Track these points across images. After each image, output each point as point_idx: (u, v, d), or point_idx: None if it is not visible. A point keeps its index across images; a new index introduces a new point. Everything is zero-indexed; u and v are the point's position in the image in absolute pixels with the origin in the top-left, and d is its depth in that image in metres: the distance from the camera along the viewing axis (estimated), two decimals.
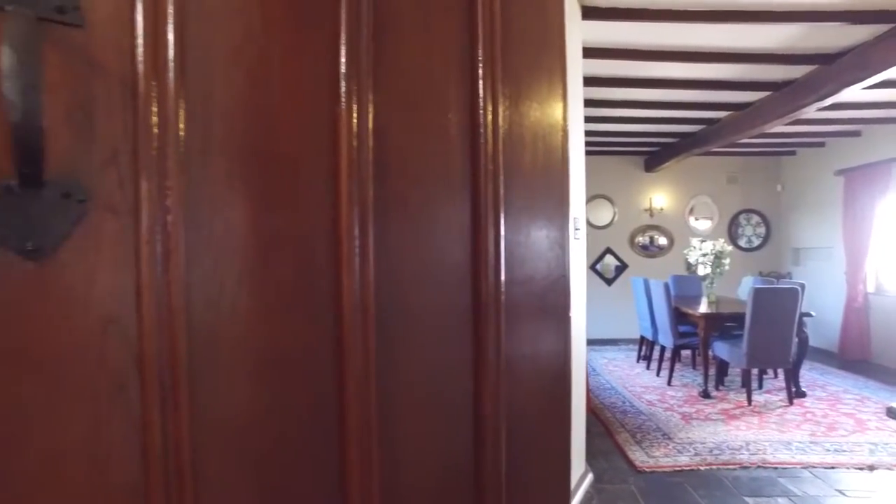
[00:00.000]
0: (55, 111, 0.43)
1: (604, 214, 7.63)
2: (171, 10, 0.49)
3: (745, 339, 4.18)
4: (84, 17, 0.46)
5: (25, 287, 0.44)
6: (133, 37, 0.48)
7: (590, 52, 3.26)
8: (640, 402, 4.54)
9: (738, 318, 4.44)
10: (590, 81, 3.74)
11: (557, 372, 0.89)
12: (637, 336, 6.17)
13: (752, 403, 4.30)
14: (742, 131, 5.14)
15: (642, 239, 7.72)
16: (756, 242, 7.64)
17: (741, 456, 3.30)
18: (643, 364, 5.87)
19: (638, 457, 3.34)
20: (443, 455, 0.72)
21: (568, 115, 0.93)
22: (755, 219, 7.66)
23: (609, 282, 7.66)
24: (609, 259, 7.70)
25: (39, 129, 0.40)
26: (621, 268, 7.67)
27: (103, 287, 0.47)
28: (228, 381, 0.53)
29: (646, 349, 5.91)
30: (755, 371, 4.64)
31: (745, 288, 5.66)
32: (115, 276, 0.47)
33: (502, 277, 0.77)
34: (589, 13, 2.90)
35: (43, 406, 0.45)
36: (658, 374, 5.36)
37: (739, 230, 7.66)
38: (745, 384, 4.41)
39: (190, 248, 0.50)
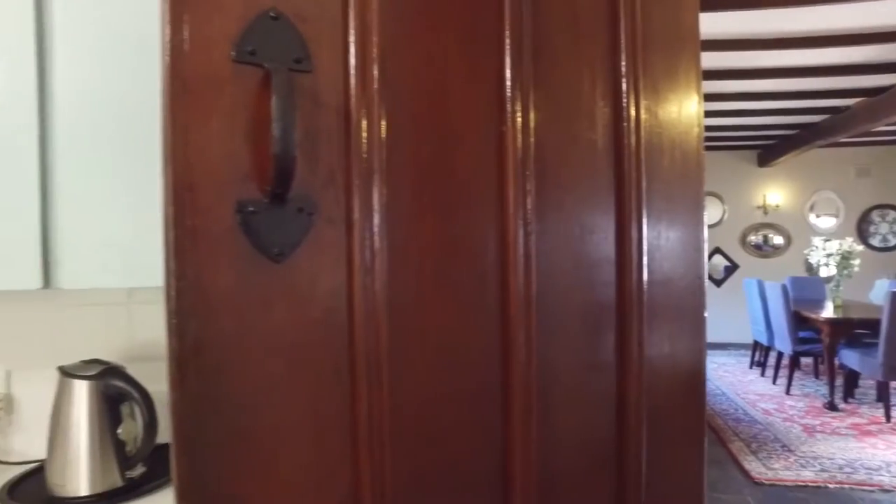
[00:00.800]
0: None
1: (713, 212, 7.28)
2: (375, 53, 0.59)
3: (882, 348, 3.84)
4: (313, 64, 0.56)
5: (272, 284, 0.54)
6: (347, 76, 0.58)
7: (703, 45, 3.15)
8: (754, 410, 4.30)
9: (871, 325, 4.08)
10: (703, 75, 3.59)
11: (693, 369, 0.92)
12: (749, 340, 5.83)
13: (892, 420, 3.94)
14: (878, 119, 4.72)
15: (755, 238, 7.28)
16: (893, 241, 6.96)
17: (880, 477, 3.05)
18: (757, 370, 5.55)
19: (754, 467, 3.19)
20: (589, 439, 0.77)
21: (702, 119, 0.95)
22: (891, 215, 6.97)
23: (718, 283, 7.30)
24: (717, 259, 7.33)
25: (293, 158, 0.50)
26: (731, 268, 7.28)
27: (324, 285, 0.57)
28: (417, 364, 0.62)
29: (760, 355, 5.58)
30: (894, 384, 4.26)
31: (879, 292, 5.19)
32: (332, 275, 0.57)
33: (645, 278, 0.81)
34: (705, 4, 2.82)
35: (284, 380, 0.55)
36: (774, 382, 5.05)
37: (871, 228, 7.01)
38: (882, 398, 4.05)
39: (389, 252, 0.59)
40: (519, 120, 0.67)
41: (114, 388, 1.09)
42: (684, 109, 0.92)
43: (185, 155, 0.52)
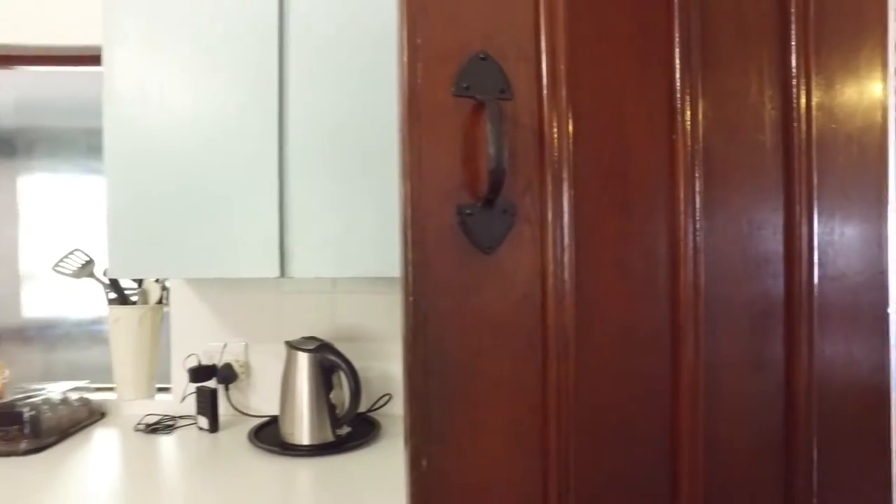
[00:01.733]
0: None
1: None
2: (563, 79, 0.70)
3: None
4: (512, 92, 0.69)
5: (483, 272, 0.69)
6: (540, 101, 0.70)
7: None
8: None
9: None
10: None
11: (874, 368, 0.91)
12: None
13: None
14: None
15: None
16: None
17: None
18: None
19: None
20: (755, 427, 0.82)
21: (889, 110, 0.94)
22: None
23: None
24: None
25: (504, 171, 0.64)
26: None
27: (523, 272, 0.70)
28: (597, 343, 0.73)
29: None
30: None
31: None
32: (530, 265, 0.70)
33: (816, 273, 0.83)
34: None
35: (490, 349, 0.69)
36: None
37: None
38: None
39: (576, 246, 0.71)
40: (688, 127, 0.75)
41: (327, 361, 1.33)
42: (864, 102, 0.92)
43: (419, 171, 0.67)
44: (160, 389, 1.64)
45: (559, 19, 0.71)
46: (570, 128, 0.71)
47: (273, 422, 1.46)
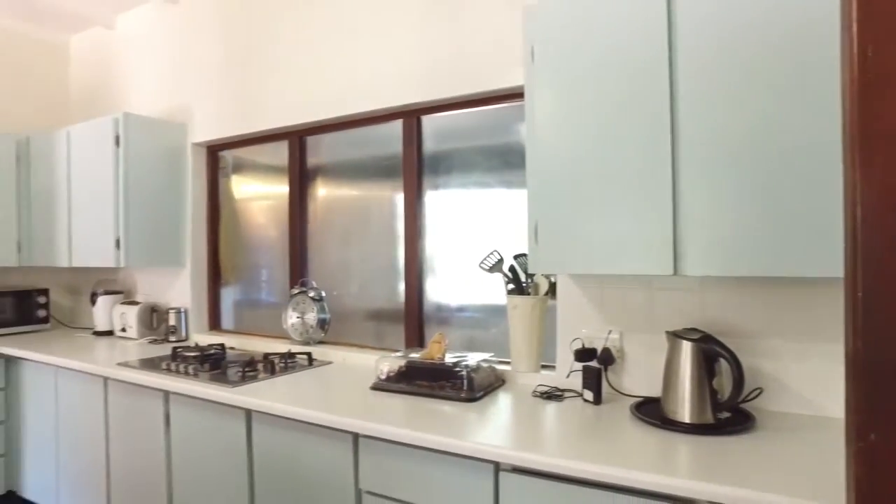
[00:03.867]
0: None
1: None
2: None
3: None
4: None
5: None
6: None
7: None
8: None
9: None
10: None
11: None
12: None
13: None
14: None
15: None
16: None
17: None
18: None
19: None
20: None
21: None
22: None
23: None
24: None
25: None
26: None
27: None
28: None
29: None
30: None
31: None
32: None
33: None
34: None
35: None
36: None
37: None
38: None
39: None
40: None
41: (710, 350, 1.47)
42: None
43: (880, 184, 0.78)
44: (543, 366, 2.00)
45: None
46: None
47: (648, 401, 1.67)
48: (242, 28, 2.86)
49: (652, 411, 1.58)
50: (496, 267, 1.99)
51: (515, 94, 2.09)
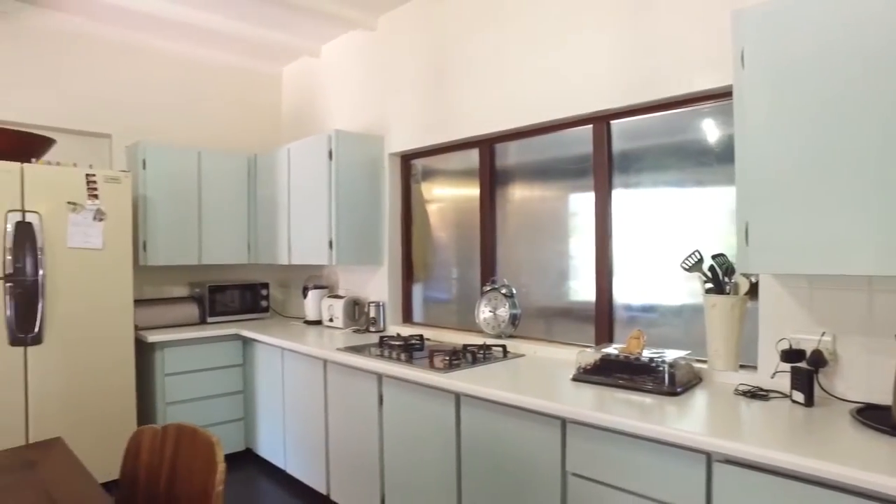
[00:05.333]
0: None
1: None
2: None
3: None
4: None
5: None
6: None
7: None
8: None
9: None
10: None
11: None
12: None
13: None
14: None
15: None
16: None
17: None
18: None
19: None
20: None
21: None
22: None
23: None
24: None
25: None
26: None
27: None
28: None
29: None
30: None
31: None
32: None
33: None
34: None
35: None
36: None
37: None
38: None
39: None
40: None
41: None
42: None
43: None
44: (741, 366, 1.99)
45: None
46: None
47: (871, 407, 1.60)
48: (436, 48, 3.15)
49: (880, 418, 1.52)
50: (696, 266, 2.02)
51: (711, 96, 2.10)
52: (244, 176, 3.94)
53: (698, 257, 2.02)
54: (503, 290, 2.75)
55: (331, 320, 3.58)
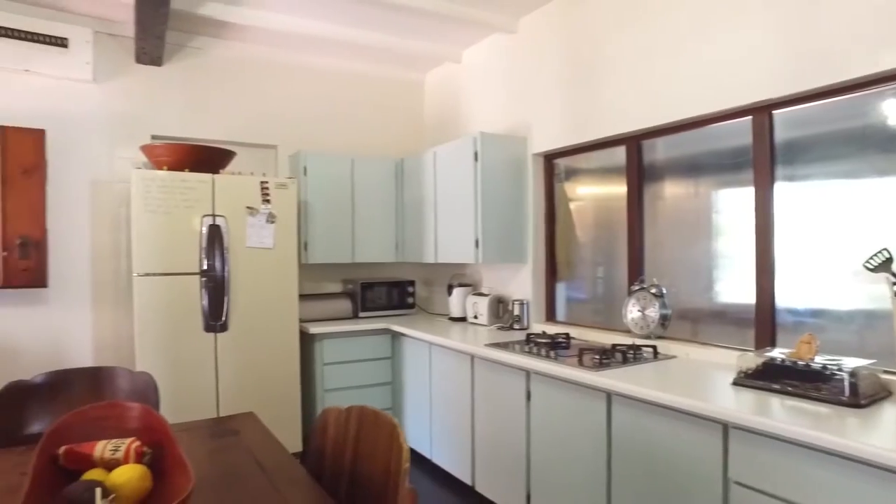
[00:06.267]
0: None
1: None
2: None
3: None
4: None
5: None
6: None
7: None
8: None
9: None
10: None
11: None
12: None
13: None
14: None
15: None
16: None
17: None
18: None
19: None
20: None
21: None
22: None
23: None
24: None
25: None
26: None
27: None
28: None
29: None
30: None
31: None
32: None
33: None
34: None
35: None
36: None
37: None
38: None
39: None
40: None
41: None
42: None
43: None
44: None
45: None
46: None
47: None
48: (578, 47, 3.14)
49: None
50: (883, 266, 1.82)
51: (889, 78, 1.88)
52: (392, 179, 4.19)
53: (886, 256, 1.82)
54: (652, 290, 2.67)
55: (475, 317, 3.69)
